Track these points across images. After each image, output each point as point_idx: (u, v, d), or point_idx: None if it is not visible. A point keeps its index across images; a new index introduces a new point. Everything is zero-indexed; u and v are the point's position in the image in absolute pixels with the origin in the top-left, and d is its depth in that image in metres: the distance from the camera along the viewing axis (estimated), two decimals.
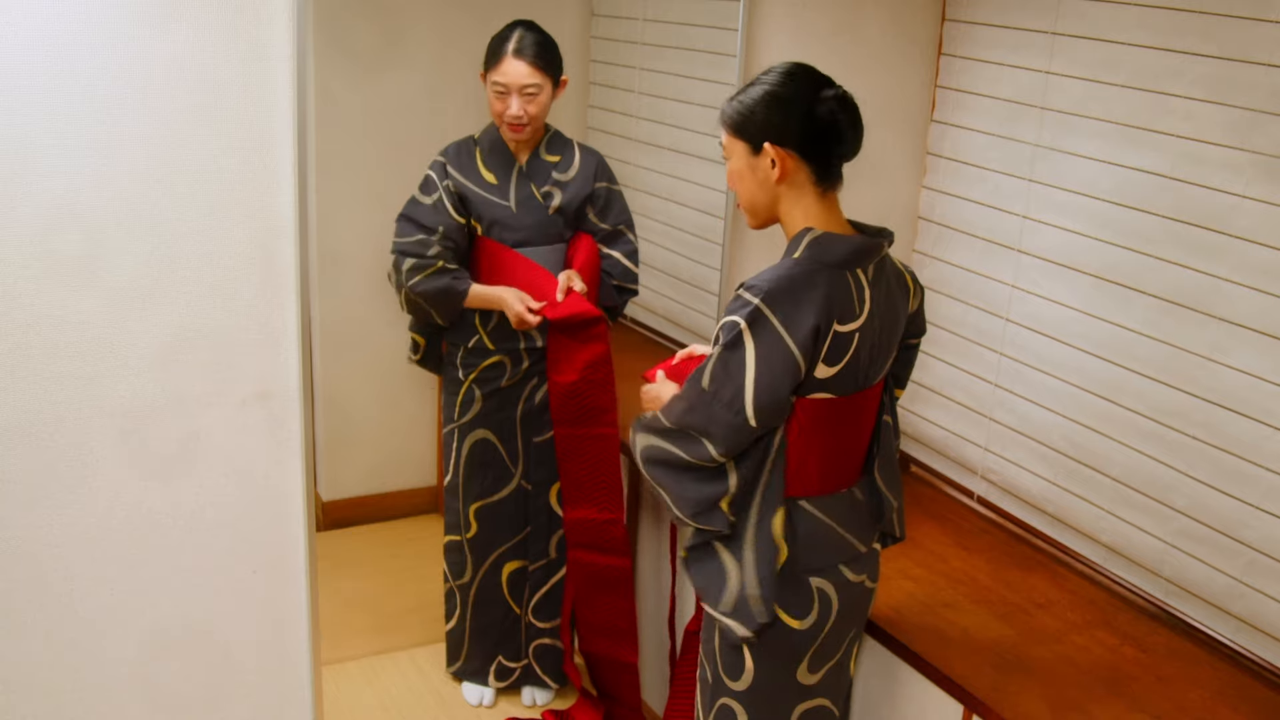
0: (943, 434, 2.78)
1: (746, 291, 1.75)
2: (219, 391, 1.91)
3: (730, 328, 1.74)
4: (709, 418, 1.76)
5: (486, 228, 2.65)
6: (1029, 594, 2.32)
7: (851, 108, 1.78)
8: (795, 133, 1.76)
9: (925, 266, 2.79)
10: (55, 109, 1.70)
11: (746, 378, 1.73)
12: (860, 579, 1.93)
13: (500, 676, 2.96)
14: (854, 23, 2.55)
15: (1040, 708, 1.95)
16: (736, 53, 2.45)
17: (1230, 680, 2.07)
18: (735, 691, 1.90)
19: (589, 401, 2.64)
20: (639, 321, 3.48)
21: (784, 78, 1.78)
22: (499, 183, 2.64)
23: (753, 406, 1.73)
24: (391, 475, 3.81)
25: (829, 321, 1.74)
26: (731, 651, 1.89)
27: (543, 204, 2.66)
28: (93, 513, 1.87)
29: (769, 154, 1.77)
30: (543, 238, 2.67)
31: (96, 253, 1.78)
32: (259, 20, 1.79)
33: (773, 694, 1.90)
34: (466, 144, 2.68)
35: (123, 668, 1.96)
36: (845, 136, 1.77)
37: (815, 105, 1.75)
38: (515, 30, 2.55)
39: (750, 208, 1.86)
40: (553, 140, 2.70)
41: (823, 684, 1.94)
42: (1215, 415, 2.13)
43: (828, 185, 1.81)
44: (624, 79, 3.40)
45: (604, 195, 2.72)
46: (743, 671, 1.88)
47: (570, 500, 2.71)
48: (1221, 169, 2.08)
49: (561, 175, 2.67)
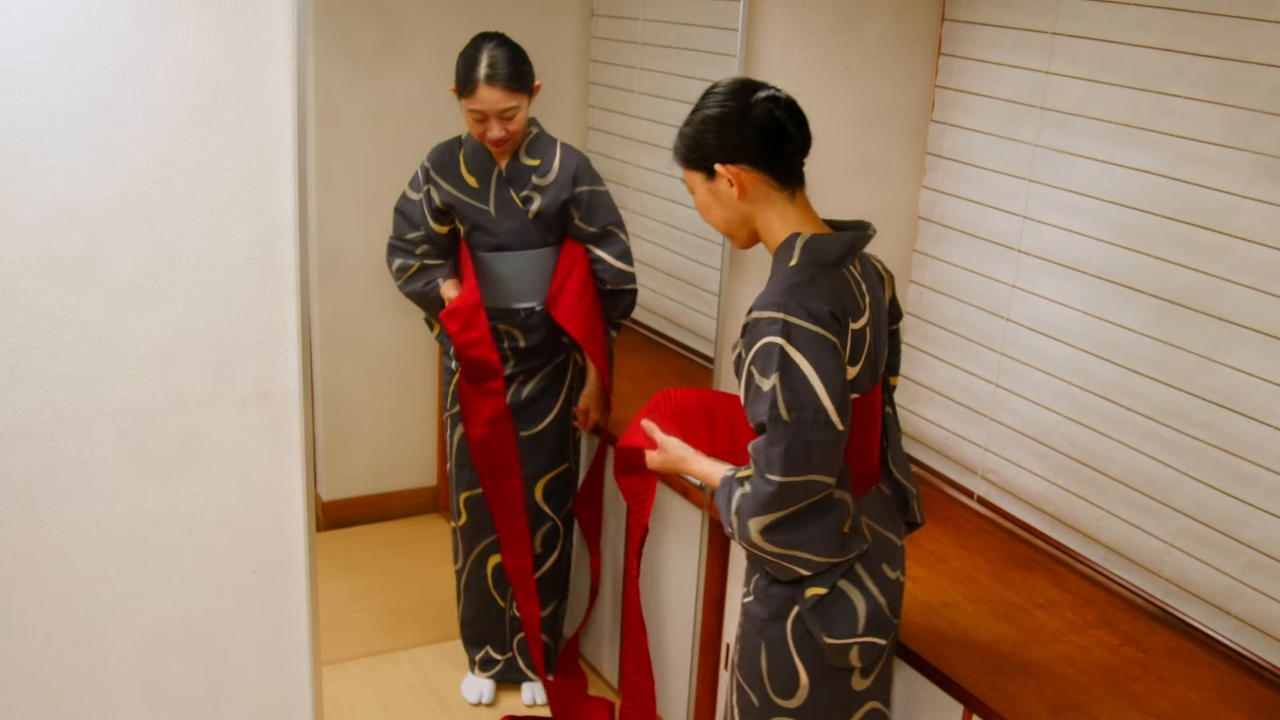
0: (943, 434, 2.78)
1: (764, 311, 1.70)
2: (219, 391, 1.91)
3: (770, 351, 1.68)
4: (807, 445, 1.67)
5: (467, 231, 2.67)
6: (1029, 594, 2.32)
7: (788, 104, 1.76)
8: (741, 145, 1.74)
9: (925, 266, 2.79)
10: (55, 109, 1.70)
11: (816, 388, 1.67)
12: (896, 574, 1.92)
13: (484, 667, 2.97)
14: (854, 23, 2.55)
15: (1040, 708, 1.95)
16: (736, 53, 2.45)
17: (1230, 680, 2.07)
18: (788, 709, 1.87)
19: (497, 456, 2.69)
20: (639, 321, 3.48)
21: (715, 96, 1.77)
22: (480, 186, 2.64)
23: (836, 411, 1.68)
24: (391, 475, 3.81)
25: (845, 319, 1.73)
26: (785, 671, 1.85)
27: (522, 209, 2.64)
28: (93, 513, 1.88)
29: (723, 175, 1.76)
30: (522, 242, 2.66)
31: (96, 253, 1.78)
32: (259, 20, 1.79)
33: (828, 707, 1.88)
34: (452, 145, 2.68)
35: (123, 668, 1.96)
36: (791, 134, 1.75)
37: (751, 112, 1.74)
38: (483, 52, 2.49)
39: (728, 232, 1.84)
40: (534, 142, 2.66)
41: (873, 688, 1.93)
42: (1215, 415, 2.13)
43: (792, 187, 1.79)
44: (624, 79, 3.40)
45: (585, 199, 2.67)
46: (797, 689, 1.85)
47: (512, 551, 2.78)
48: (1221, 169, 2.08)
49: (541, 179, 2.64)
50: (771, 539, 1.73)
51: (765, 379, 1.69)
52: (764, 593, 1.87)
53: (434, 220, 2.69)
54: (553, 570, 2.90)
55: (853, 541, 1.79)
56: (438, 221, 2.69)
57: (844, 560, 1.78)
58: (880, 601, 1.83)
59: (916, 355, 2.84)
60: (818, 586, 1.79)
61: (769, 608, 1.85)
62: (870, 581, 1.83)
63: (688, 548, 2.73)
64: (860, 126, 2.62)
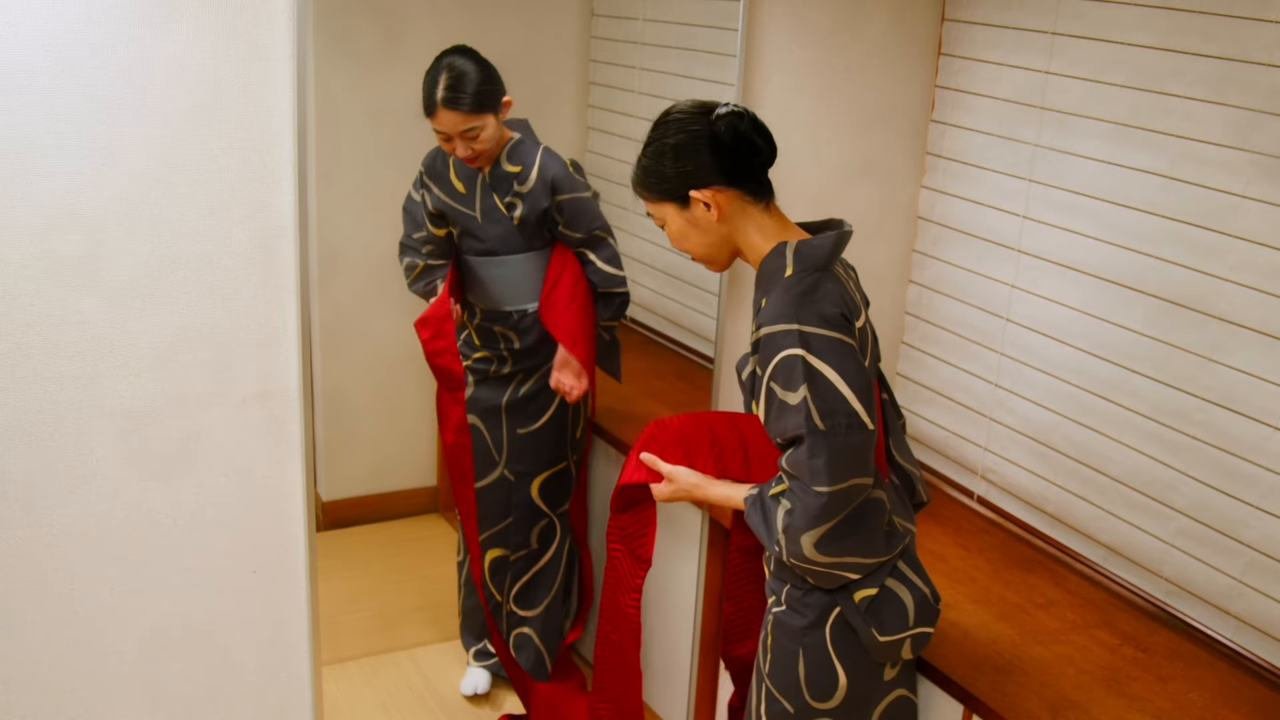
0: (943, 434, 2.78)
1: (776, 325, 1.70)
2: (219, 391, 1.91)
3: (792, 364, 1.67)
4: (847, 450, 1.67)
5: (459, 236, 2.70)
6: (1029, 594, 2.32)
7: (747, 116, 1.76)
8: (710, 167, 1.74)
9: (925, 266, 2.79)
10: (55, 109, 1.70)
11: (843, 391, 1.67)
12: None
13: (479, 658, 3.03)
14: (854, 23, 2.55)
15: (1040, 708, 1.95)
16: (736, 53, 2.45)
17: (1230, 680, 2.07)
18: (825, 711, 1.87)
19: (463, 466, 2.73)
20: (639, 321, 3.48)
21: (673, 124, 1.77)
22: (467, 192, 2.66)
23: (865, 412, 1.68)
24: (391, 475, 3.81)
25: (852, 319, 1.73)
26: (824, 674, 1.85)
27: (506, 215, 2.65)
28: (93, 513, 1.87)
29: (698, 200, 1.75)
30: (508, 247, 2.67)
31: (96, 253, 1.78)
32: (259, 20, 1.79)
33: (862, 700, 1.89)
34: (443, 150, 2.68)
35: (123, 668, 1.96)
36: (758, 146, 1.75)
37: (712, 131, 1.73)
38: (442, 73, 2.48)
39: (707, 258, 1.83)
40: (515, 148, 2.64)
41: (900, 676, 1.94)
42: (1215, 415, 2.13)
43: (765, 199, 1.79)
44: (624, 79, 3.39)
45: (567, 207, 2.65)
46: (836, 689, 1.85)
47: None
48: (1221, 169, 2.08)
49: (521, 186, 2.63)
50: (825, 550, 1.71)
51: (792, 393, 1.68)
52: (799, 601, 1.86)
53: (431, 223, 2.74)
54: (547, 567, 2.90)
55: (895, 538, 1.81)
56: (434, 224, 2.73)
57: (890, 558, 1.80)
58: (924, 591, 1.86)
59: (916, 355, 2.84)
60: (867, 588, 1.80)
61: (807, 616, 1.84)
62: (912, 573, 1.86)
63: (688, 547, 2.73)
64: (860, 126, 2.63)
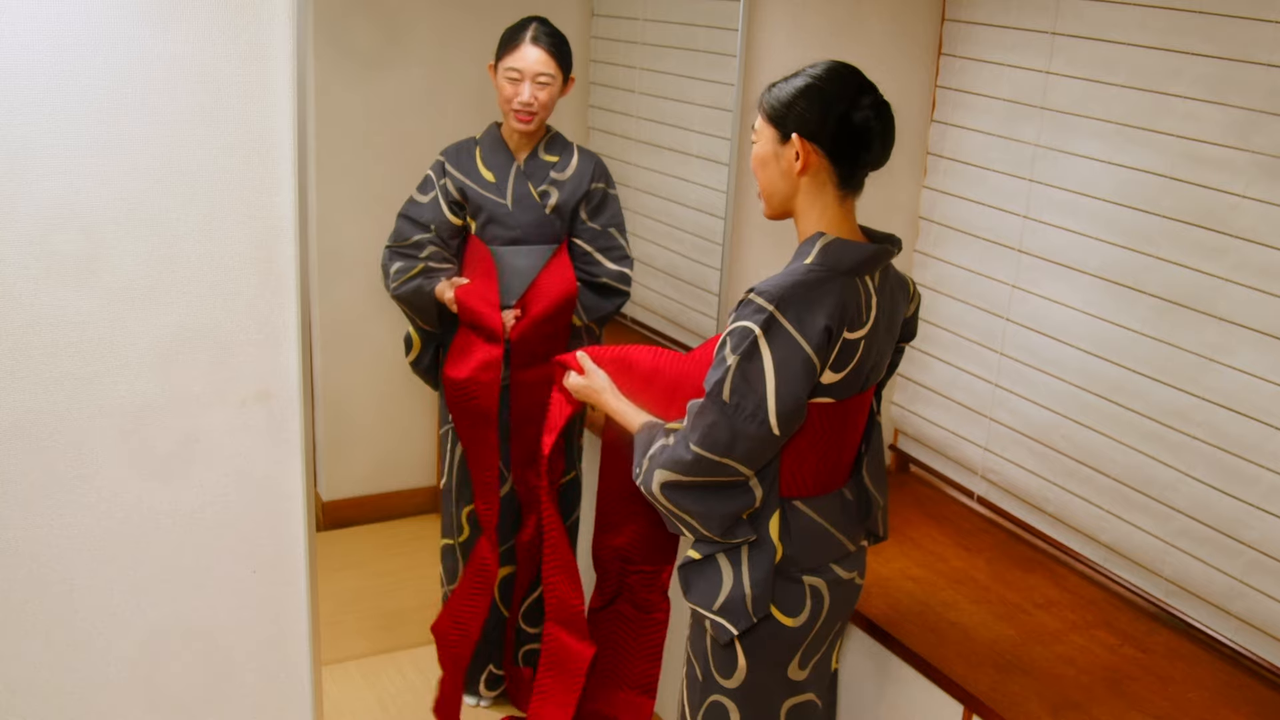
0: (943, 434, 2.78)
1: (758, 297, 1.72)
2: (219, 391, 1.91)
3: (744, 334, 1.71)
4: (734, 433, 1.73)
5: (481, 225, 2.66)
6: (1029, 594, 2.32)
7: (887, 118, 1.77)
8: (826, 131, 1.75)
9: (925, 266, 2.79)
10: (55, 109, 1.70)
11: (767, 387, 1.71)
12: (851, 576, 1.94)
13: (490, 685, 2.96)
14: (854, 23, 2.55)
15: (1040, 708, 1.95)
16: (736, 53, 2.45)
17: (1230, 680, 2.07)
18: (727, 689, 1.91)
19: (474, 405, 2.66)
20: (639, 321, 3.48)
21: (828, 74, 1.77)
22: (497, 180, 2.66)
23: (776, 416, 1.71)
24: (391, 475, 3.81)
25: (840, 327, 1.73)
26: (724, 650, 1.89)
27: (539, 203, 2.66)
28: (93, 513, 1.87)
29: (795, 145, 1.76)
30: (536, 236, 2.68)
31: (96, 253, 1.78)
32: (259, 20, 1.79)
33: (764, 690, 1.91)
34: (467, 144, 2.69)
35: (123, 668, 1.96)
36: (874, 145, 1.76)
37: (852, 109, 1.74)
38: (532, 22, 2.58)
39: (768, 195, 1.84)
40: (552, 141, 2.70)
41: (810, 679, 1.96)
42: (1215, 415, 2.13)
43: (848, 190, 1.80)
44: (624, 79, 3.39)
45: (599, 196, 2.71)
46: (735, 669, 1.89)
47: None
48: (1221, 169, 2.08)
49: (559, 175, 2.68)
50: (667, 495, 1.81)
51: (730, 355, 1.73)
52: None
53: (450, 211, 2.66)
54: None
55: (741, 529, 1.82)
56: (454, 213, 2.67)
57: (732, 541, 1.83)
58: (748, 593, 1.82)
59: (916, 355, 2.84)
60: (695, 550, 1.87)
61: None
62: (757, 572, 1.82)
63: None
64: None
